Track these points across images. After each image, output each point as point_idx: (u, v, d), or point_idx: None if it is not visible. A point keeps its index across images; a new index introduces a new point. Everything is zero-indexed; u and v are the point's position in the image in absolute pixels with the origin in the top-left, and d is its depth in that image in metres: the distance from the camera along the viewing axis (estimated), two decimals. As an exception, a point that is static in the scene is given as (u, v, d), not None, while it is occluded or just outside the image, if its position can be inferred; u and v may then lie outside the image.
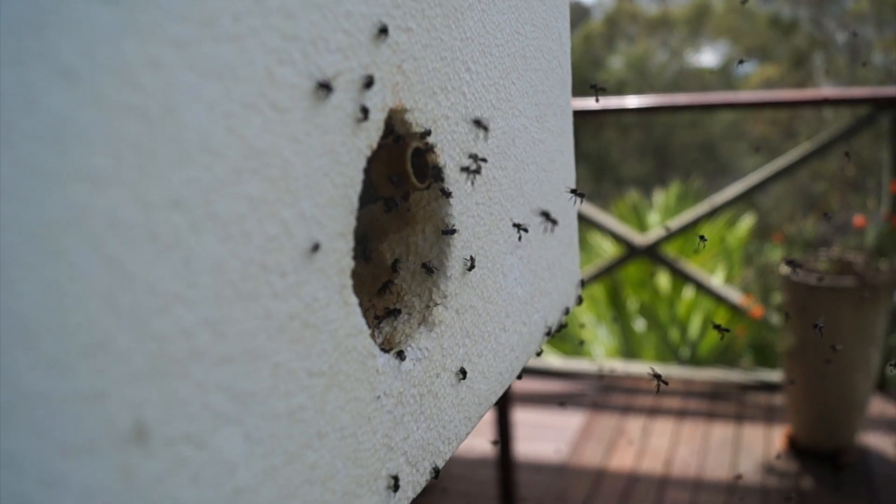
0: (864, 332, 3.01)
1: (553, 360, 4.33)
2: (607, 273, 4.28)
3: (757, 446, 3.25)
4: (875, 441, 3.20)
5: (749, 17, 15.22)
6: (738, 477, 2.99)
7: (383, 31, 0.75)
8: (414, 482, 0.89)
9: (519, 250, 1.13)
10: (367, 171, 0.77)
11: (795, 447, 3.19)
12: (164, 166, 0.52)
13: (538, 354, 1.25)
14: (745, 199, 3.92)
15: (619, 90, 12.94)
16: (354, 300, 0.76)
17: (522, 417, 3.56)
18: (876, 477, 2.96)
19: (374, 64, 0.76)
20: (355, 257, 0.76)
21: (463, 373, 0.98)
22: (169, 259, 0.53)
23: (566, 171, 1.32)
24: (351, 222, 0.75)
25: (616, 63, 15.39)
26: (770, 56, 14.64)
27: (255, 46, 0.59)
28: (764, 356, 4.07)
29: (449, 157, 0.93)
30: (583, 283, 1.42)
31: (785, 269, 3.14)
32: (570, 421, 3.57)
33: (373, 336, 0.81)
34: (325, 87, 0.67)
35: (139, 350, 0.51)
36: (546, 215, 1.19)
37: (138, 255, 0.50)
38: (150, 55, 0.50)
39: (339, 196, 0.72)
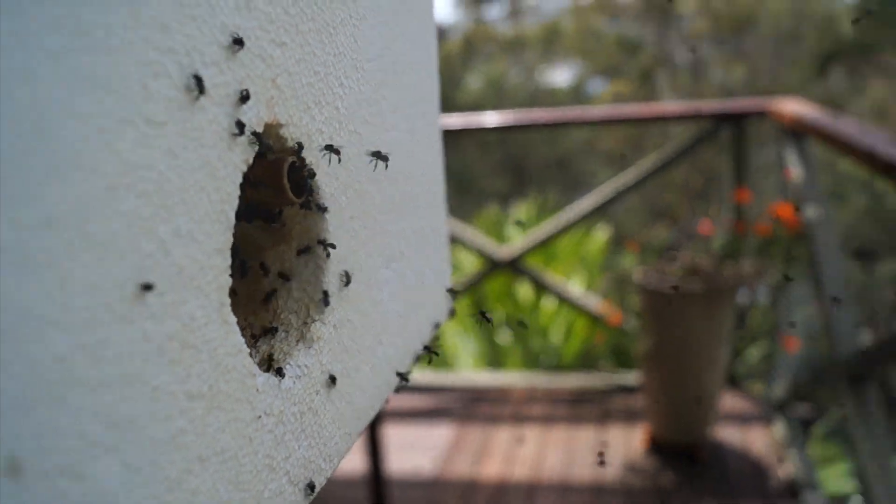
0: (714, 331, 3.18)
1: (419, 374, 4.35)
2: (473, 287, 4.35)
3: (619, 447, 3.38)
4: (728, 434, 3.39)
5: (597, 37, 15.90)
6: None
7: (238, 42, 0.72)
8: (296, 503, 0.88)
9: (394, 263, 1.14)
10: (243, 186, 0.75)
11: (655, 446, 3.34)
12: (36, 184, 0.49)
13: (404, 381, 1.21)
14: (600, 210, 4.08)
15: (478, 108, 13.20)
16: (233, 318, 0.75)
17: (392, 434, 3.55)
18: (730, 470, 3.13)
19: (249, 78, 0.74)
20: (231, 275, 0.75)
21: (332, 380, 0.96)
22: (42, 281, 0.50)
23: (437, 183, 1.34)
24: (228, 239, 0.73)
25: (474, 82, 15.71)
26: (618, 74, 15.32)
27: (129, 59, 0.57)
28: (623, 360, 4.23)
29: (324, 173, 0.92)
30: (454, 295, 1.44)
31: (640, 278, 3.28)
32: (439, 435, 3.59)
33: (251, 355, 0.79)
34: (198, 80, 0.65)
35: (11, 378, 0.48)
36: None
37: (10, 277, 0.48)
38: (21, 67, 0.47)
39: (216, 212, 0.70)
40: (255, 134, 0.75)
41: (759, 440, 3.35)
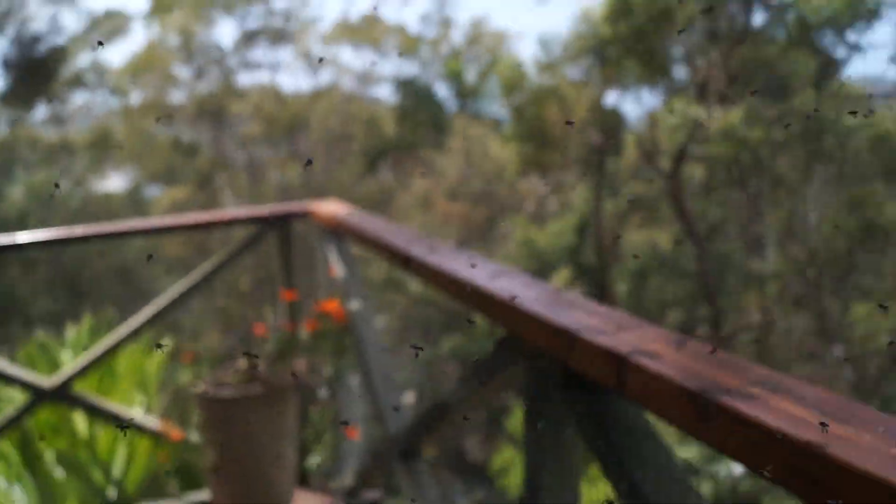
0: (277, 432, 3.20)
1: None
2: (15, 424, 3.89)
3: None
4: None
5: (151, 141, 15.61)
6: None
7: None
8: None
9: None
10: None
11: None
12: None
13: None
14: (164, 321, 3.93)
15: (22, 222, 12.10)
16: None
17: None
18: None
19: None
20: None
21: None
22: None
23: None
24: None
25: (16, 194, 14.40)
26: (176, 178, 15.16)
27: None
28: (191, 478, 4.06)
29: None
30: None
31: (199, 389, 3.18)
32: None
33: None
34: None
35: None
36: None
37: None
38: None
39: None
40: None
41: (333, 533, 3.41)
